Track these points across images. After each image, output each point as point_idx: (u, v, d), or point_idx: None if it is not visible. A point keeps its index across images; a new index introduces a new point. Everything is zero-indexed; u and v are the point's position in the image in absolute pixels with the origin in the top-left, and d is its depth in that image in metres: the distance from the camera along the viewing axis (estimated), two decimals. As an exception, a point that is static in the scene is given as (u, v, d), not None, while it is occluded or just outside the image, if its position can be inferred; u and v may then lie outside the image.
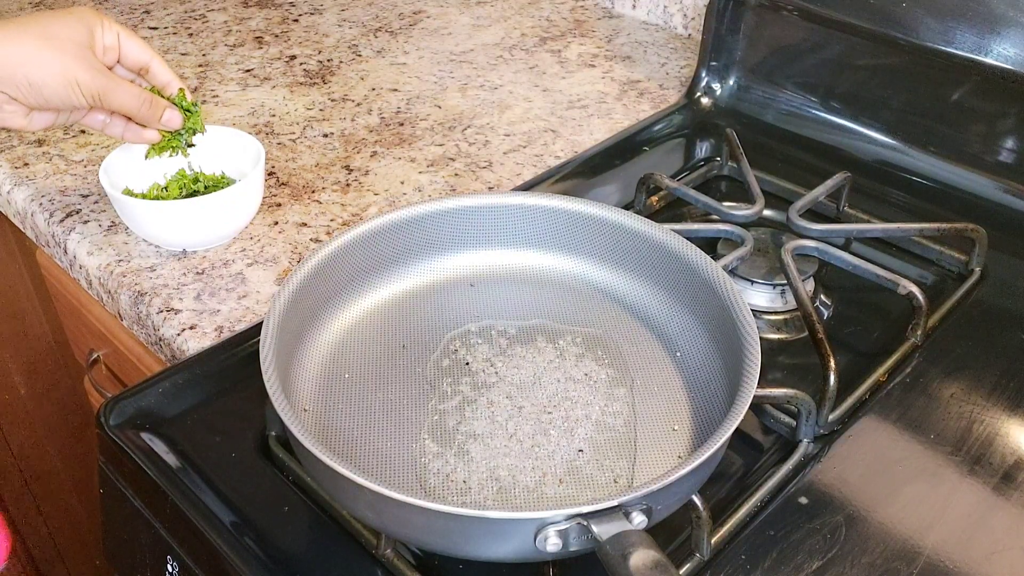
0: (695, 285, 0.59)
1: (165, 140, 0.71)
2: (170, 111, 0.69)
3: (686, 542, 0.50)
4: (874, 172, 0.83)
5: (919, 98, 0.81)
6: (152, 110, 0.67)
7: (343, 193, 0.81)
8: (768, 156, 0.85)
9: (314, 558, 0.50)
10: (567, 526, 0.42)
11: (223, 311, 0.68)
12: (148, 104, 0.67)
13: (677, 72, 1.04)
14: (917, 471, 0.54)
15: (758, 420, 0.59)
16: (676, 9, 1.13)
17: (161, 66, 0.69)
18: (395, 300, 0.64)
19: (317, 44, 1.10)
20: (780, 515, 0.52)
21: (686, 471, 0.43)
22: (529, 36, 1.12)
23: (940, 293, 0.69)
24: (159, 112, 0.68)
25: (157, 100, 0.68)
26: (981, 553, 0.50)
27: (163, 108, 0.68)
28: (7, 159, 0.86)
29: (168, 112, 0.68)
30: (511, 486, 0.51)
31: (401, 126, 0.92)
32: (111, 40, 0.67)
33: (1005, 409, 0.59)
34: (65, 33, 0.63)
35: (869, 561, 0.49)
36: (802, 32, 0.87)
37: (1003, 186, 0.78)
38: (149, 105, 0.67)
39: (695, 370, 0.58)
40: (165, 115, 0.68)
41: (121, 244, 0.75)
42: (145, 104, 0.67)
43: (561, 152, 0.88)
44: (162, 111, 0.68)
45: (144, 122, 0.69)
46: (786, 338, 0.67)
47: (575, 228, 0.65)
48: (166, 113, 0.68)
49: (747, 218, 0.73)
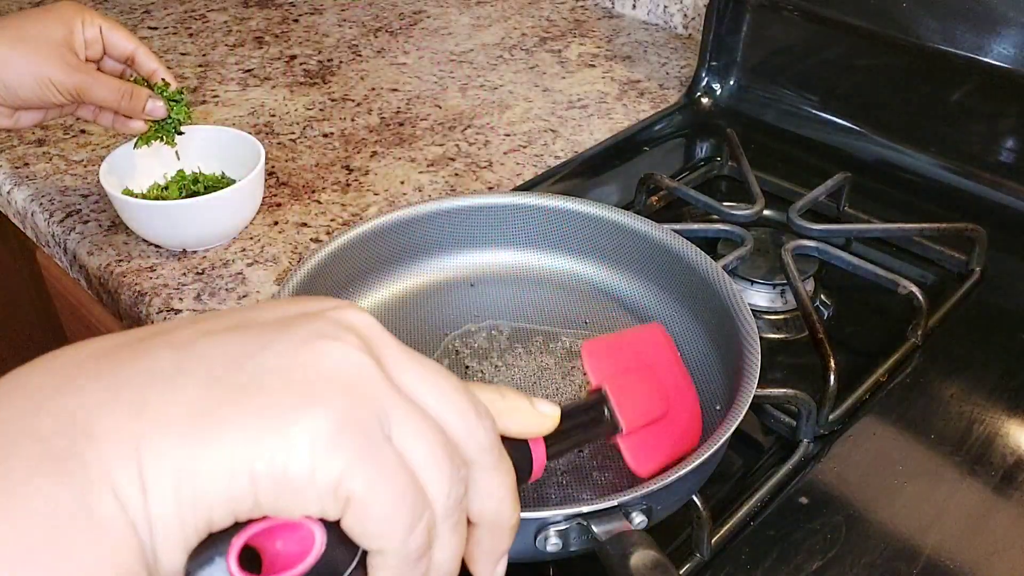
0: (695, 285, 0.59)
1: (152, 130, 0.71)
2: (152, 101, 0.69)
3: (686, 542, 0.50)
4: (874, 172, 0.83)
5: (919, 98, 0.81)
6: (133, 102, 0.68)
7: (343, 193, 0.81)
8: (768, 156, 0.85)
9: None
10: (567, 526, 0.42)
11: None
12: (128, 96, 0.67)
13: (677, 72, 1.04)
14: (917, 471, 0.54)
15: (758, 420, 0.59)
16: (676, 9, 1.13)
17: (146, 55, 0.70)
18: (395, 300, 0.64)
19: (317, 44, 1.10)
20: (780, 515, 0.52)
21: (686, 471, 0.43)
22: (529, 36, 1.12)
23: (940, 293, 0.69)
24: (141, 103, 0.68)
25: (138, 91, 0.68)
26: (981, 553, 0.50)
27: (144, 99, 0.69)
28: (7, 159, 0.86)
29: (151, 102, 0.69)
30: (511, 486, 0.50)
31: (401, 126, 0.92)
32: (92, 34, 0.67)
33: (1005, 409, 0.59)
34: (40, 33, 0.64)
35: (869, 561, 0.49)
36: (802, 32, 0.87)
37: (1003, 186, 0.78)
38: (130, 97, 0.67)
39: (695, 370, 0.58)
40: (148, 105, 0.69)
41: (121, 244, 0.75)
42: (125, 97, 0.67)
43: (561, 152, 0.88)
44: (144, 102, 0.68)
45: (128, 114, 0.69)
46: (786, 338, 0.67)
47: (575, 228, 0.65)
48: (148, 103, 0.69)
49: (747, 218, 0.73)
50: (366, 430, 0.24)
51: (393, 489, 0.25)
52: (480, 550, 0.30)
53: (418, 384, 0.27)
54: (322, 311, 0.28)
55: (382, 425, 0.25)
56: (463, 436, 0.28)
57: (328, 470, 0.24)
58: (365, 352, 0.26)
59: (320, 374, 0.25)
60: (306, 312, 0.27)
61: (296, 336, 0.26)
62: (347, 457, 0.24)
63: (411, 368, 0.28)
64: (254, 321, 0.27)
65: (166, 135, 0.72)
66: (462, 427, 0.28)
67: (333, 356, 0.25)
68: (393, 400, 0.26)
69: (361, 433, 0.24)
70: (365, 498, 0.24)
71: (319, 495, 0.24)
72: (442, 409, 0.27)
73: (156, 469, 0.22)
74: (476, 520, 0.29)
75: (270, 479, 0.23)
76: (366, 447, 0.24)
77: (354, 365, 0.26)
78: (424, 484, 0.26)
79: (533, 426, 0.33)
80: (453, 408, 0.28)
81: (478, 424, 0.28)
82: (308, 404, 0.24)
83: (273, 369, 0.25)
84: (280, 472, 0.23)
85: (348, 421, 0.24)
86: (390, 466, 0.25)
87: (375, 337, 0.28)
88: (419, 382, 0.27)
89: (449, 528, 0.27)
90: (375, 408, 0.25)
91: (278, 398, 0.24)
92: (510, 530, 0.30)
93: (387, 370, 0.27)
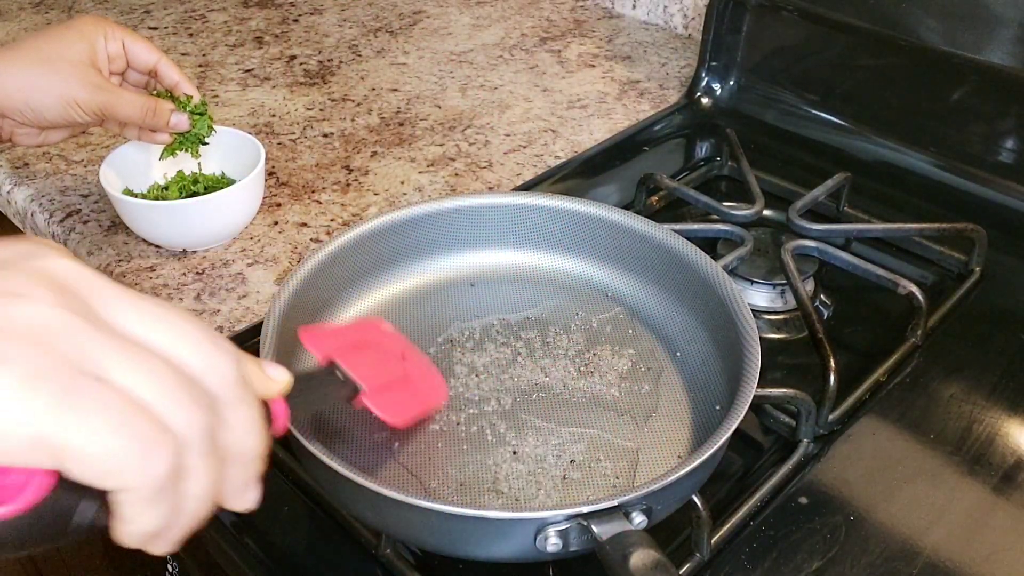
0: (695, 285, 0.59)
1: (177, 141, 0.71)
2: (176, 115, 0.69)
3: (686, 542, 0.50)
4: (874, 172, 0.83)
5: (919, 98, 0.81)
6: (157, 117, 0.68)
7: (343, 193, 0.81)
8: (768, 156, 0.85)
9: (314, 558, 0.50)
10: (567, 526, 0.42)
11: (223, 311, 0.68)
12: (152, 112, 0.67)
13: (677, 72, 1.04)
14: (917, 471, 0.54)
15: (758, 420, 0.59)
16: (676, 9, 1.13)
17: (168, 67, 0.70)
18: (395, 300, 0.64)
19: (317, 44, 1.10)
20: (780, 515, 0.52)
21: (686, 471, 0.43)
22: (529, 36, 1.12)
23: (940, 293, 0.69)
24: (164, 118, 0.68)
25: (161, 107, 0.68)
26: (981, 553, 0.50)
27: (168, 114, 0.69)
28: (7, 159, 0.86)
29: (174, 117, 0.69)
30: (511, 486, 0.51)
31: (401, 126, 0.92)
32: (115, 48, 0.68)
33: (1005, 409, 0.59)
34: (63, 53, 0.64)
35: (869, 561, 0.49)
36: (802, 32, 0.87)
37: (1003, 186, 0.78)
38: (153, 113, 0.68)
39: (695, 370, 0.58)
40: (172, 119, 0.69)
41: (121, 244, 0.75)
42: (149, 113, 0.67)
43: (561, 152, 0.88)
44: (167, 117, 0.69)
45: (152, 128, 0.69)
46: (786, 338, 0.67)
47: (575, 228, 0.65)
48: (172, 117, 0.69)
49: (747, 218, 0.73)
50: (60, 376, 0.24)
51: (108, 427, 0.25)
52: (230, 484, 0.30)
53: (139, 324, 0.27)
54: (18, 260, 0.27)
55: (84, 368, 0.25)
56: (202, 369, 0.28)
57: (23, 423, 0.23)
58: (58, 304, 0.26)
59: (6, 334, 0.24)
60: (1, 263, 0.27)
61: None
62: (41, 406, 0.24)
63: (129, 308, 0.27)
64: None
65: (190, 146, 0.72)
66: (198, 360, 0.28)
67: (24, 314, 0.25)
68: (99, 342, 0.26)
69: (54, 381, 0.24)
70: (73, 441, 0.24)
71: (22, 448, 0.24)
72: (174, 345, 0.27)
73: None
74: (223, 454, 0.29)
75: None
76: (62, 392, 0.24)
77: (44, 319, 0.25)
78: (161, 417, 0.26)
79: (261, 387, 0.33)
80: (186, 343, 0.28)
81: (217, 357, 0.28)
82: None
83: None
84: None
85: (38, 373, 0.24)
86: (99, 405, 0.25)
87: (79, 282, 0.27)
88: (141, 322, 0.27)
89: (197, 457, 0.27)
90: (73, 354, 0.25)
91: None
92: (255, 460, 0.31)
93: (97, 314, 0.26)
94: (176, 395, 0.27)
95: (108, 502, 0.26)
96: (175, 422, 0.26)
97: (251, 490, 0.32)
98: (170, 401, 0.26)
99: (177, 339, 0.28)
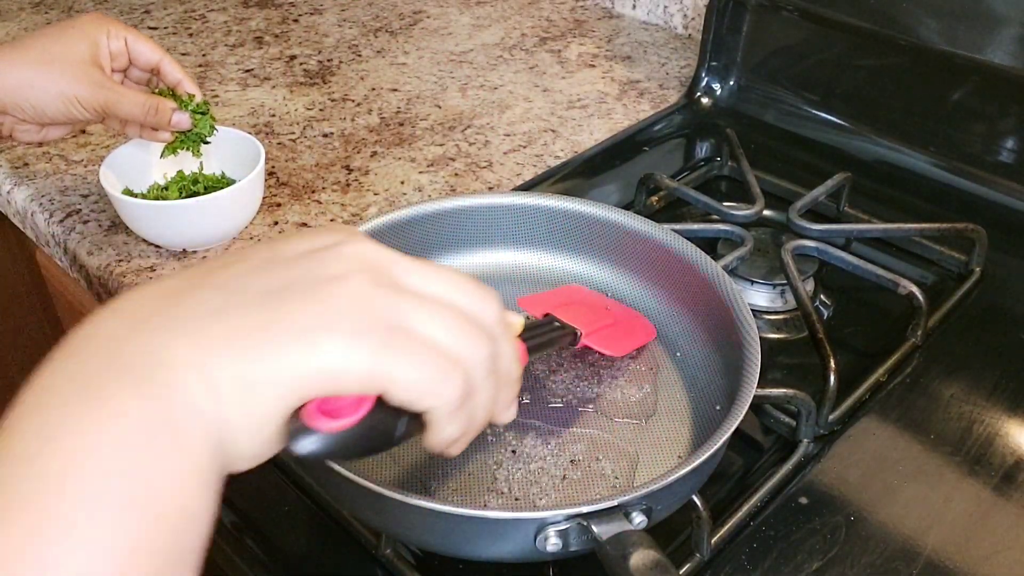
0: (695, 285, 0.59)
1: (178, 140, 0.71)
2: (178, 114, 0.69)
3: (686, 542, 0.50)
4: (874, 172, 0.83)
5: (919, 98, 0.81)
6: (159, 116, 0.68)
7: (343, 193, 0.81)
8: (768, 156, 0.85)
9: (314, 558, 0.50)
10: (567, 526, 0.42)
11: (223, 311, 0.68)
12: (154, 111, 0.68)
13: (677, 72, 1.04)
14: (917, 471, 0.54)
15: (758, 420, 0.59)
16: (676, 9, 1.13)
17: (171, 66, 0.70)
18: (395, 300, 0.64)
19: (317, 44, 1.10)
20: (780, 515, 0.52)
21: (686, 471, 0.43)
22: (529, 36, 1.12)
23: (940, 293, 0.69)
24: (166, 117, 0.68)
25: (163, 106, 0.68)
26: (981, 553, 0.50)
27: (169, 113, 0.69)
28: (7, 159, 0.86)
29: (176, 116, 0.69)
30: (511, 486, 0.51)
31: (401, 126, 0.92)
32: (118, 46, 0.68)
33: (1005, 409, 0.59)
34: (65, 52, 0.65)
35: (869, 561, 0.49)
36: (802, 32, 0.87)
37: (1003, 186, 0.78)
38: (155, 112, 0.68)
39: (695, 370, 0.58)
40: (173, 119, 0.69)
41: (121, 244, 0.75)
42: (151, 112, 0.67)
43: (561, 152, 0.88)
44: (169, 116, 0.69)
45: (153, 126, 0.69)
46: (786, 338, 0.67)
47: (575, 228, 0.65)
48: (174, 116, 0.69)
49: (747, 218, 0.73)
50: (379, 330, 0.32)
51: (417, 363, 0.32)
52: (501, 401, 0.38)
53: (426, 283, 0.35)
54: (332, 245, 0.34)
55: (393, 323, 0.32)
56: (476, 310, 0.36)
57: (358, 363, 0.31)
58: (369, 281, 0.33)
59: (332, 307, 0.32)
60: (317, 247, 0.34)
61: (311, 275, 0.33)
62: (367, 352, 0.31)
63: (416, 272, 0.35)
64: (278, 258, 0.34)
65: (191, 145, 0.72)
66: (473, 304, 0.36)
67: (346, 291, 0.32)
68: (402, 303, 0.33)
69: (375, 334, 0.31)
70: (392, 374, 0.32)
71: (361, 380, 0.31)
72: (452, 296, 0.35)
73: (223, 383, 0.29)
74: (496, 377, 0.36)
75: (318, 375, 0.30)
76: (381, 342, 0.31)
77: (362, 292, 0.32)
78: (453, 351, 0.33)
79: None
80: (462, 292, 0.36)
81: (485, 301, 0.37)
82: (327, 328, 0.31)
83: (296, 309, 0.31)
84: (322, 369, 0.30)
85: (361, 330, 0.31)
86: (409, 349, 0.32)
87: (381, 259, 0.35)
88: (426, 282, 0.35)
89: (483, 376, 0.35)
90: (386, 314, 0.32)
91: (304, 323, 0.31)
92: (517, 382, 0.39)
93: (395, 281, 0.34)
94: (462, 332, 0.34)
95: (419, 419, 0.34)
96: (464, 353, 0.34)
97: (513, 407, 0.40)
98: (459, 338, 0.34)
99: (455, 290, 0.35)
